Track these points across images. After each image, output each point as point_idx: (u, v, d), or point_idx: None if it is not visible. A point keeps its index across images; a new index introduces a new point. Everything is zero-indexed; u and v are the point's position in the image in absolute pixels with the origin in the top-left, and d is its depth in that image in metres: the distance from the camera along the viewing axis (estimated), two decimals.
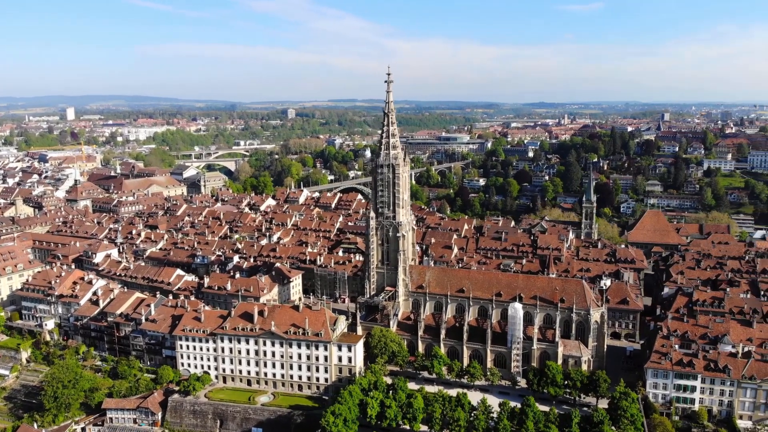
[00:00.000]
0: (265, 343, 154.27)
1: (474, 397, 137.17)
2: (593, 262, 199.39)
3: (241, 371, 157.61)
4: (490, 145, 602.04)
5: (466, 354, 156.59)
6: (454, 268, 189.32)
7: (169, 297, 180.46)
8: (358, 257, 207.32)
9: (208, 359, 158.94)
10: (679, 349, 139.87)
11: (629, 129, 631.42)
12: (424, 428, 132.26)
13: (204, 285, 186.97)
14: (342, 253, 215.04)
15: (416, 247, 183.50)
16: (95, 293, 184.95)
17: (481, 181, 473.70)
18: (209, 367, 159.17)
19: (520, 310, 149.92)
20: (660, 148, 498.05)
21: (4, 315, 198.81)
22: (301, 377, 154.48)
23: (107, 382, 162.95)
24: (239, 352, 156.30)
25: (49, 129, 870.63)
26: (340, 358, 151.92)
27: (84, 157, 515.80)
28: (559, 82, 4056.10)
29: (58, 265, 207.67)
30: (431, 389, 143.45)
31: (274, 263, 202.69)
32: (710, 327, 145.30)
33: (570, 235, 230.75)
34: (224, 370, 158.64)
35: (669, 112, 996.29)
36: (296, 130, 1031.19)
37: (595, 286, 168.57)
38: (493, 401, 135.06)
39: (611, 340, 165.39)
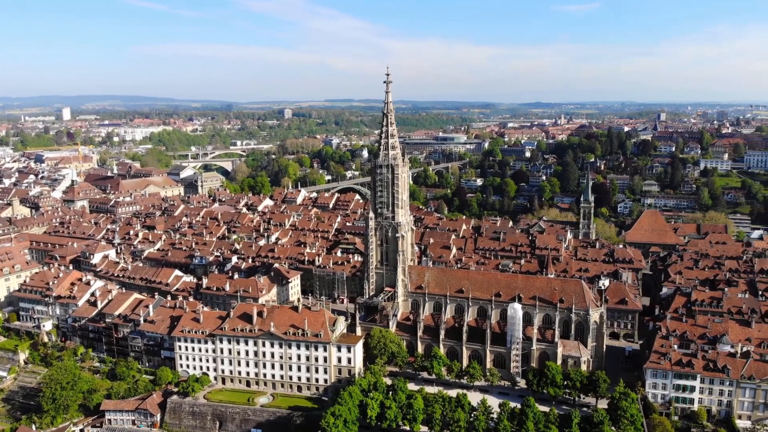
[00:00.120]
0: (264, 344, 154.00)
1: (473, 397, 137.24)
2: (591, 262, 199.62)
3: (240, 372, 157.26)
4: (487, 145, 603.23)
5: (466, 354, 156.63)
6: (452, 268, 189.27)
7: (168, 298, 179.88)
8: (357, 257, 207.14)
9: (207, 360, 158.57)
10: (678, 349, 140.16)
11: (626, 129, 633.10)
12: (425, 429, 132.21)
13: (202, 286, 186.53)
14: (340, 254, 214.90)
15: (415, 248, 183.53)
16: (93, 294, 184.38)
17: (479, 181, 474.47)
18: (208, 368, 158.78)
19: (519, 310, 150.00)
20: (657, 148, 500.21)
21: (2, 316, 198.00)
22: (300, 378, 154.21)
23: (106, 384, 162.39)
24: (238, 353, 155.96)
25: (45, 129, 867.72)
26: (340, 359, 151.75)
27: (80, 157, 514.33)
28: (555, 82, 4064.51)
29: (56, 266, 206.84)
30: (431, 390, 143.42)
31: (273, 264, 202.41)
32: (709, 327, 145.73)
33: (568, 235, 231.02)
34: (223, 371, 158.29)
35: (665, 112, 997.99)
36: (293, 130, 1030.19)
37: (594, 286, 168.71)
38: (493, 402, 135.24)
39: (610, 340, 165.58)
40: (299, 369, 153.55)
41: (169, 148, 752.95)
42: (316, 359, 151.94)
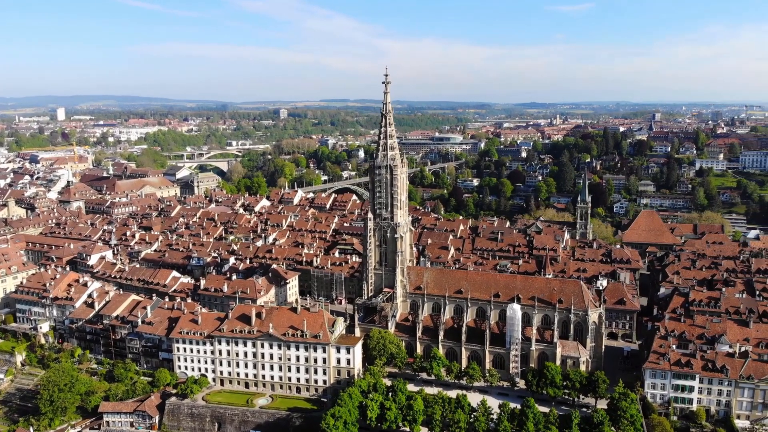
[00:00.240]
0: (263, 346, 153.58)
1: (473, 398, 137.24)
2: (589, 262, 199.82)
3: (239, 374, 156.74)
4: (484, 146, 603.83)
5: (465, 355, 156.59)
6: (451, 269, 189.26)
7: (165, 299, 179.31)
8: (355, 258, 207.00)
9: (206, 362, 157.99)
10: (677, 349, 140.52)
11: (621, 129, 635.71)
12: (425, 430, 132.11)
13: (200, 287, 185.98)
14: (338, 254, 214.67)
15: (413, 248, 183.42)
16: (90, 296, 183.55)
17: (475, 182, 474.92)
18: (207, 370, 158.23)
19: (518, 311, 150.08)
20: (652, 148, 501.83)
21: None
22: (299, 379, 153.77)
23: (103, 386, 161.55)
24: (237, 355, 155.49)
25: (40, 129, 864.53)
26: (339, 360, 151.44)
27: (76, 157, 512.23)
28: (550, 83, 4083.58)
29: (53, 267, 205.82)
30: (430, 391, 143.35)
31: (271, 265, 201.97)
32: (707, 327, 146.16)
33: (565, 236, 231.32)
34: (222, 373, 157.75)
35: (660, 112, 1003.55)
36: (288, 131, 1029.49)
37: (592, 287, 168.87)
38: (493, 402, 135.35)
39: (608, 341, 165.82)
40: (298, 370, 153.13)
41: (165, 149, 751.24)
42: (315, 360, 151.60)
